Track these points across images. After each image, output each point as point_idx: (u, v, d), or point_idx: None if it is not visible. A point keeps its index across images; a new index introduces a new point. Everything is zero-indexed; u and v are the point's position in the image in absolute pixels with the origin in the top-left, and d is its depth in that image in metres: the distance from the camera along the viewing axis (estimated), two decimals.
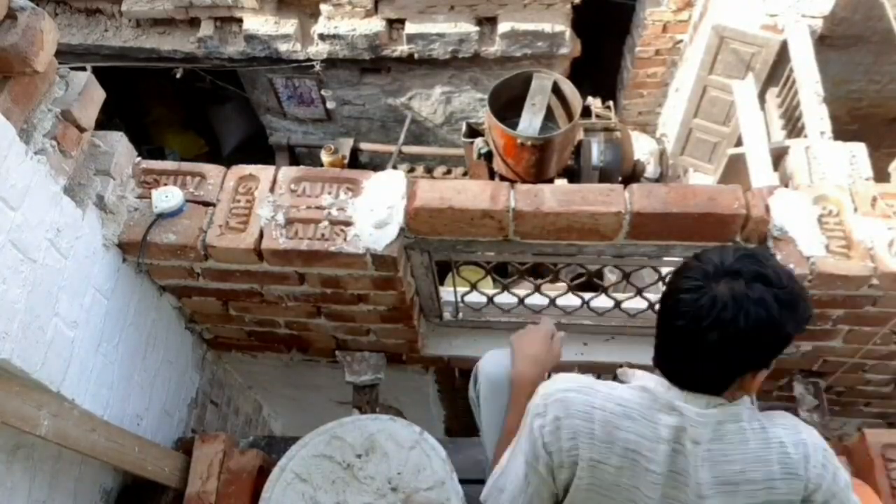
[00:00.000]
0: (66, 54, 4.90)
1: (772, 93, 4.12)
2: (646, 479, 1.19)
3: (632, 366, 1.47)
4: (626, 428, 1.19)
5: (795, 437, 1.20)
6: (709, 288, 1.10)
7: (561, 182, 4.17)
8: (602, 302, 2.16)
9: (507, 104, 4.15)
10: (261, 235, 1.74)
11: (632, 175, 4.75)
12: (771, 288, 1.09)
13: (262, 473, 1.87)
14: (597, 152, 4.50)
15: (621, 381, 1.31)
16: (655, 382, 1.22)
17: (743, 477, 1.17)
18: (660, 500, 1.20)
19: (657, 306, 1.21)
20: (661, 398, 1.19)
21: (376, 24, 4.78)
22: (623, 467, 1.20)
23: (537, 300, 2.16)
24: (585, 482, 1.24)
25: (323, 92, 5.47)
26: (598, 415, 1.21)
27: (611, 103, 4.93)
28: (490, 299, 2.18)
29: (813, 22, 3.92)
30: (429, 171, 5.31)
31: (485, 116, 4.24)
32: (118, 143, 1.77)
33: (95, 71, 1.93)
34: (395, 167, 4.99)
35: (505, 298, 2.17)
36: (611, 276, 4.00)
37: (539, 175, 4.16)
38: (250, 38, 4.87)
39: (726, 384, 1.16)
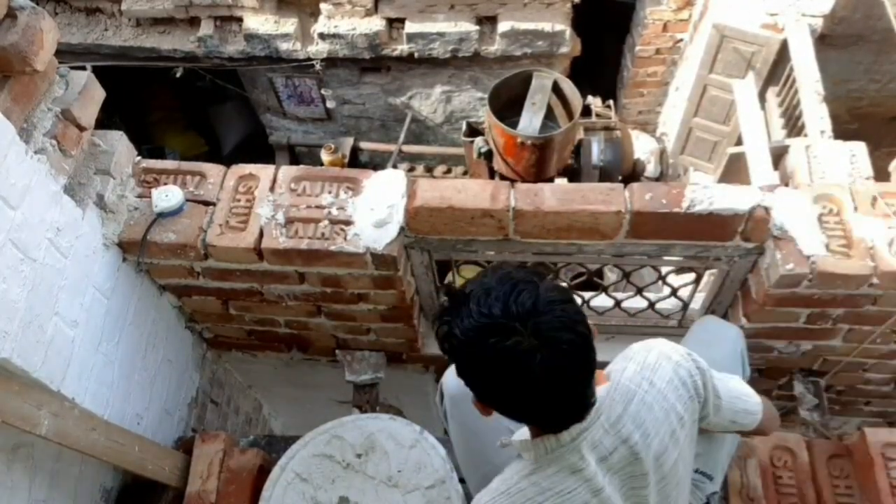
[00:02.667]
0: (65, 53, 4.90)
1: (772, 92, 4.12)
2: None
3: None
4: (570, 500, 1.16)
5: (669, 372, 1.22)
6: (503, 349, 1.01)
7: (561, 181, 4.17)
8: (602, 301, 2.16)
9: (508, 103, 4.16)
10: (261, 235, 1.74)
11: (632, 174, 4.76)
12: (545, 314, 1.02)
13: (263, 473, 1.87)
14: (597, 151, 4.50)
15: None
16: (535, 447, 1.16)
17: (665, 434, 1.19)
18: None
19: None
20: (558, 462, 1.15)
21: (376, 24, 4.77)
22: None
23: None
24: None
25: (323, 91, 5.47)
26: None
27: (611, 102, 4.94)
28: None
29: (813, 21, 3.92)
30: (429, 170, 5.31)
31: (485, 115, 4.24)
32: (118, 143, 1.77)
33: (95, 70, 1.93)
34: (395, 166, 4.99)
35: None
36: (611, 276, 4.00)
37: (539, 174, 4.16)
38: (250, 37, 4.87)
39: (590, 393, 1.13)
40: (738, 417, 1.36)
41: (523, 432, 1.23)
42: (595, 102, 4.86)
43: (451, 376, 1.64)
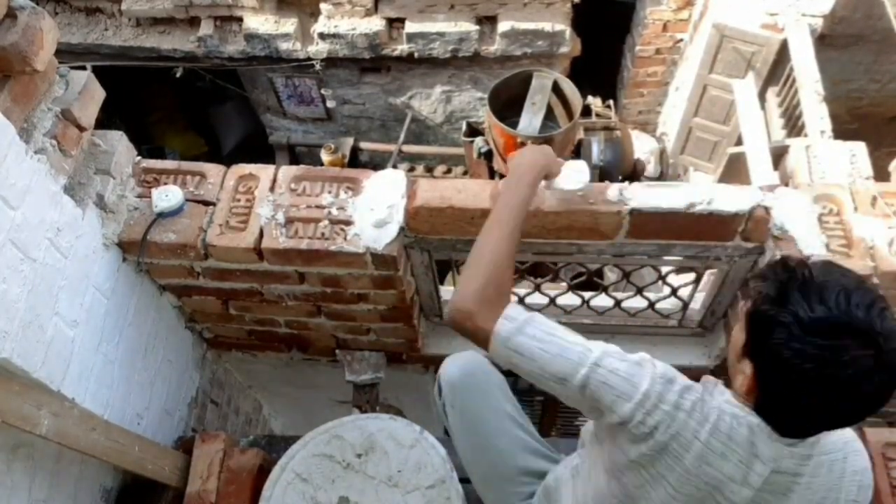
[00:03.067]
0: (65, 53, 4.90)
1: (772, 92, 4.12)
2: None
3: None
4: (718, 467, 1.13)
5: (863, 466, 1.20)
6: (846, 352, 0.96)
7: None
8: (602, 301, 2.16)
9: (508, 103, 4.15)
10: (261, 235, 1.74)
11: (632, 174, 4.76)
12: None
13: (263, 472, 1.87)
14: (597, 151, 4.50)
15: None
16: (760, 429, 1.12)
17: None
18: None
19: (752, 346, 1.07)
20: (763, 448, 1.12)
21: (376, 24, 4.78)
22: (697, 497, 1.16)
23: (537, 299, 2.16)
24: (647, 475, 1.18)
25: (323, 91, 5.47)
26: (696, 447, 1.13)
27: (611, 102, 4.94)
28: None
29: (813, 21, 3.92)
30: (429, 170, 5.31)
31: (485, 115, 4.24)
32: (118, 143, 1.77)
33: (95, 70, 1.93)
34: (395, 166, 4.99)
35: None
36: (611, 275, 4.00)
37: None
38: (250, 37, 4.87)
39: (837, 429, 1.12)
40: None
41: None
42: (595, 102, 4.86)
43: (450, 365, 1.64)
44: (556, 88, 4.20)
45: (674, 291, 2.10)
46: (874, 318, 0.98)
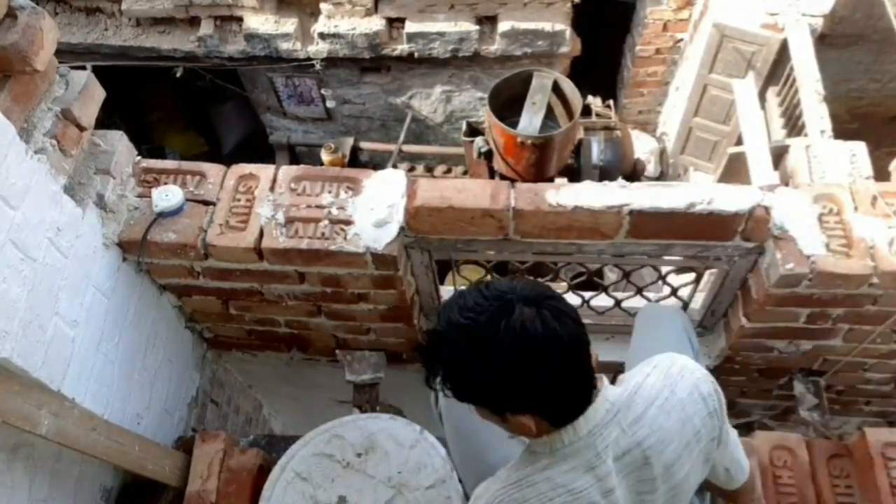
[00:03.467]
0: (66, 53, 4.90)
1: (772, 91, 4.12)
2: None
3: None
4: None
5: (690, 384, 1.21)
6: (509, 321, 1.04)
7: (561, 181, 4.17)
8: (602, 301, 2.16)
9: (508, 103, 4.16)
10: (261, 234, 1.74)
11: (632, 174, 4.76)
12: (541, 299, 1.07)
13: (263, 472, 1.87)
14: (597, 151, 4.51)
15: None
16: (551, 440, 1.15)
17: (680, 445, 1.19)
18: None
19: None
20: (574, 458, 1.15)
21: (376, 23, 4.78)
22: None
23: None
24: None
25: (323, 91, 5.47)
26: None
27: (611, 102, 4.94)
28: None
29: (813, 20, 3.92)
30: (429, 169, 5.32)
31: (485, 115, 4.24)
32: (118, 142, 1.77)
33: (95, 70, 1.93)
34: (395, 166, 4.99)
35: None
36: (611, 275, 4.00)
37: (539, 174, 4.17)
38: (250, 37, 4.87)
39: (592, 374, 1.13)
40: (733, 466, 1.37)
41: None
42: (595, 102, 4.86)
43: None
44: (557, 88, 4.21)
45: (674, 291, 2.10)
46: (506, 292, 1.06)
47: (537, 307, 1.05)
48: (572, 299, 2.15)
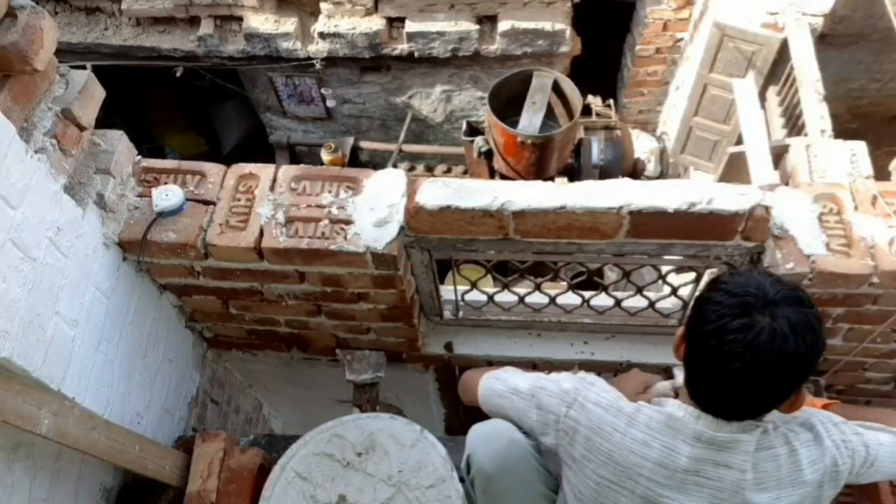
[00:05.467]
0: (66, 53, 4.90)
1: (772, 91, 4.12)
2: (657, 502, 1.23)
3: (632, 365, 1.47)
4: (644, 455, 1.22)
5: (820, 454, 1.23)
6: (757, 321, 1.09)
7: (561, 180, 4.17)
8: (602, 300, 2.16)
9: (508, 103, 4.16)
10: (261, 234, 1.74)
11: (632, 173, 4.76)
12: (807, 308, 1.12)
13: (263, 472, 1.87)
14: (597, 151, 4.51)
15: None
16: (684, 412, 1.22)
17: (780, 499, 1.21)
18: None
19: (688, 335, 1.21)
20: (688, 428, 1.20)
21: (376, 23, 4.77)
22: (633, 491, 1.24)
23: (537, 298, 2.16)
24: (592, 482, 1.28)
25: (323, 90, 5.47)
26: (617, 438, 1.25)
27: (611, 102, 4.94)
28: (490, 298, 2.18)
29: (813, 20, 3.92)
30: (429, 169, 5.32)
31: (485, 115, 4.24)
32: (118, 142, 1.77)
33: (95, 70, 1.93)
34: (395, 166, 4.99)
35: (505, 297, 2.17)
36: (611, 275, 4.00)
37: (539, 173, 4.17)
38: (250, 36, 4.87)
39: (772, 409, 1.18)
40: None
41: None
42: (595, 102, 4.86)
43: (485, 449, 1.56)
44: (557, 88, 4.21)
45: (674, 291, 2.09)
46: (762, 286, 1.12)
47: (773, 316, 1.09)
48: (572, 299, 2.15)
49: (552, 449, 1.41)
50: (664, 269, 2.12)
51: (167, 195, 1.75)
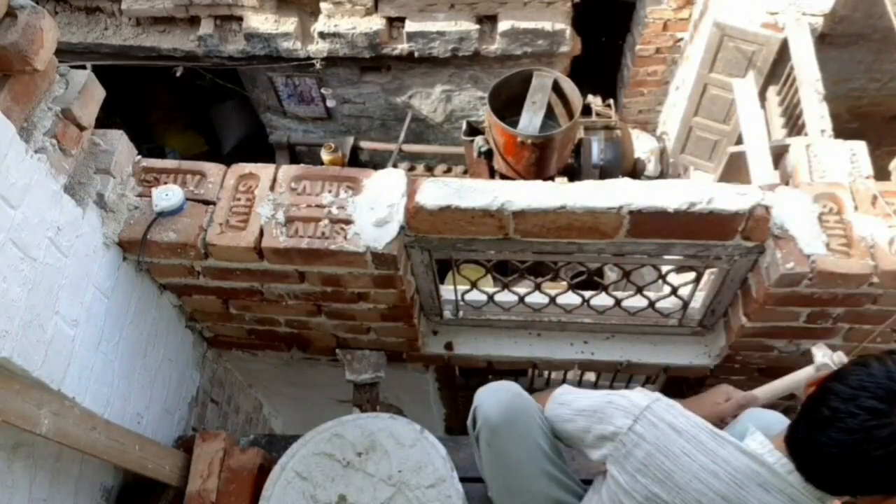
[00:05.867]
0: (66, 53, 4.90)
1: (772, 91, 4.12)
2: None
3: (631, 365, 1.45)
4: (709, 484, 1.20)
5: None
6: (892, 417, 1.02)
7: (561, 180, 4.17)
8: (602, 300, 2.16)
9: (508, 102, 4.16)
10: (261, 234, 1.74)
11: (632, 173, 4.76)
12: None
13: (263, 472, 1.87)
14: (597, 150, 4.51)
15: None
16: (776, 459, 1.18)
17: None
18: None
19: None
20: (774, 479, 1.17)
21: (376, 23, 4.78)
22: None
23: (537, 298, 2.16)
24: (641, 496, 1.27)
25: (323, 90, 5.47)
26: (684, 461, 1.22)
27: (611, 101, 4.94)
28: (490, 297, 2.18)
29: (813, 20, 3.92)
30: (429, 169, 5.31)
31: (485, 115, 4.24)
32: (118, 142, 1.77)
33: (95, 69, 1.93)
34: (395, 165, 4.99)
35: (505, 297, 2.17)
36: (611, 275, 4.00)
37: (539, 173, 4.17)
38: (250, 36, 4.87)
39: (857, 495, 1.13)
40: None
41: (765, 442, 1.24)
42: (595, 101, 4.86)
43: (490, 402, 1.57)
44: (557, 87, 4.21)
45: (674, 290, 2.10)
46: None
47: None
48: (572, 299, 2.15)
49: (599, 461, 1.39)
50: (664, 268, 2.12)
51: (167, 195, 1.75)
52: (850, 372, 1.10)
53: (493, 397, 1.58)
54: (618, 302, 2.14)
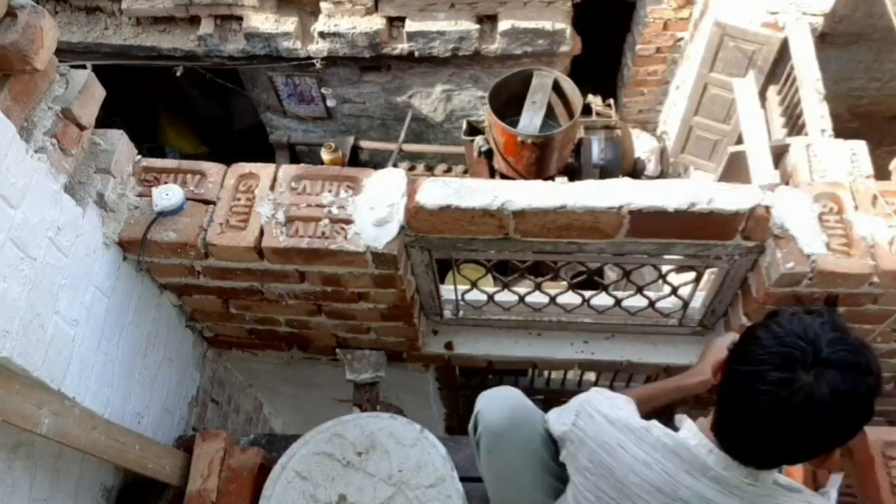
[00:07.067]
0: (66, 52, 4.90)
1: (772, 90, 4.12)
2: None
3: (631, 365, 1.47)
4: (643, 476, 1.20)
5: None
6: (797, 380, 1.02)
7: (561, 180, 4.17)
8: (602, 300, 2.16)
9: (508, 102, 4.16)
10: (261, 233, 1.74)
11: (632, 173, 4.76)
12: (865, 377, 1.03)
13: (263, 471, 1.87)
14: (597, 150, 4.51)
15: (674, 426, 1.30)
16: (698, 441, 1.18)
17: None
18: None
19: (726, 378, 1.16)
20: (696, 460, 1.17)
21: (376, 22, 4.77)
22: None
23: (538, 298, 2.16)
24: (593, 495, 1.28)
25: (323, 90, 5.47)
26: (619, 454, 1.23)
27: (611, 101, 4.94)
28: (490, 297, 2.18)
29: (814, 19, 3.92)
30: (429, 169, 5.31)
31: (485, 114, 4.24)
32: (118, 142, 1.77)
33: (96, 69, 1.93)
34: (395, 165, 4.99)
35: (505, 296, 2.17)
36: (611, 274, 4.01)
37: (539, 173, 4.17)
38: (250, 36, 4.87)
39: (794, 464, 1.17)
40: None
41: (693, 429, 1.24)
42: (595, 101, 4.86)
43: (493, 409, 1.57)
44: (557, 87, 4.21)
45: (674, 290, 2.09)
46: (817, 340, 1.03)
47: (818, 378, 1.01)
48: (572, 298, 2.15)
49: (566, 461, 1.41)
50: (664, 268, 2.12)
51: (167, 195, 1.75)
52: (745, 351, 1.10)
53: (495, 404, 1.58)
54: (618, 302, 2.14)
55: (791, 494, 1.19)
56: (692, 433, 1.21)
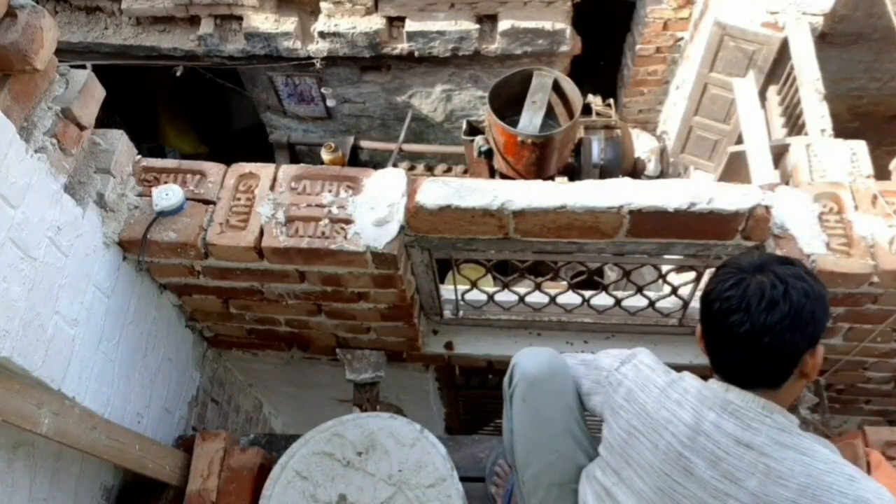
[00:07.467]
0: (66, 52, 4.90)
1: (772, 90, 4.12)
2: (676, 461, 1.28)
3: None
4: (674, 413, 1.30)
5: (855, 491, 1.18)
6: (747, 278, 1.20)
7: (561, 180, 4.17)
8: (602, 300, 2.16)
9: (508, 102, 4.16)
10: (261, 233, 1.74)
11: (632, 173, 4.76)
12: (798, 267, 1.22)
13: (263, 471, 1.87)
14: (597, 150, 4.51)
15: None
16: (718, 384, 1.30)
17: None
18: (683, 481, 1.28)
19: (693, 311, 1.28)
20: (717, 397, 1.27)
21: (376, 22, 4.77)
22: (656, 444, 1.31)
23: (537, 298, 2.16)
24: (624, 431, 1.38)
25: (323, 90, 5.47)
26: (655, 394, 1.36)
27: (611, 101, 4.94)
28: (490, 297, 2.18)
29: (814, 19, 3.92)
30: (429, 169, 5.31)
31: (485, 114, 4.24)
32: (118, 141, 1.77)
33: (96, 69, 1.93)
34: (395, 165, 4.99)
35: (505, 296, 2.17)
36: (611, 274, 4.01)
37: (539, 173, 4.17)
38: (250, 35, 4.87)
39: (789, 371, 1.22)
40: None
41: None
42: (595, 101, 4.86)
43: (530, 358, 1.64)
44: (557, 87, 4.21)
45: (674, 290, 2.10)
46: (753, 258, 1.24)
47: (763, 272, 1.20)
48: (572, 298, 2.15)
49: (596, 410, 1.52)
50: (664, 268, 2.12)
51: (167, 194, 1.75)
52: (714, 311, 1.24)
53: (533, 355, 1.66)
54: (618, 301, 2.14)
55: (815, 438, 1.28)
56: (713, 380, 1.33)
